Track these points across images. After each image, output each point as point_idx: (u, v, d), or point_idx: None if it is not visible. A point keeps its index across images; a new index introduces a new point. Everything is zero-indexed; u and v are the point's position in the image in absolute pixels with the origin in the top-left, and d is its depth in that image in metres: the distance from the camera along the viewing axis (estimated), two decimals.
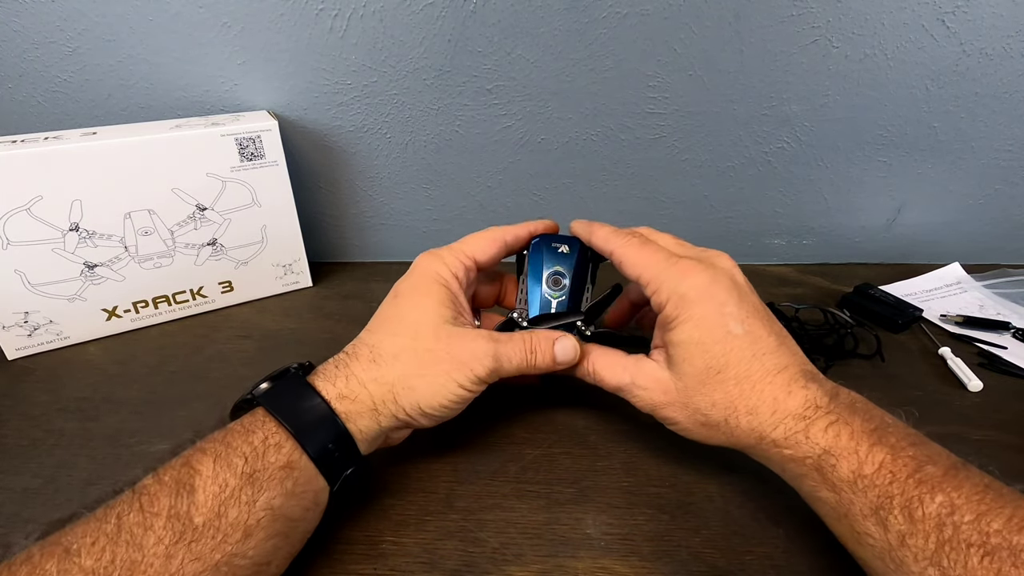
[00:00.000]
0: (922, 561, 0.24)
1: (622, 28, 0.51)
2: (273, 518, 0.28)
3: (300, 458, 0.29)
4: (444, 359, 0.33)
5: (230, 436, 0.29)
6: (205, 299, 0.55)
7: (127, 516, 0.25)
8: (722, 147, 0.58)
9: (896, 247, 0.64)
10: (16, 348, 0.48)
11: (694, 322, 0.32)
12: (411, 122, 0.56)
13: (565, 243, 0.40)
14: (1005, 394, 0.45)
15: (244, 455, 0.28)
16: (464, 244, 0.38)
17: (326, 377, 0.32)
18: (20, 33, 0.50)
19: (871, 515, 0.26)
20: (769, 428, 0.30)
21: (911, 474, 0.26)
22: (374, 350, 0.33)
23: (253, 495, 0.27)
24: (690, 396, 0.32)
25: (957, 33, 0.50)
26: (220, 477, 0.27)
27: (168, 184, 0.48)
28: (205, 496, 0.26)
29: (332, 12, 0.50)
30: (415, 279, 0.36)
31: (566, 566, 0.32)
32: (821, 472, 0.29)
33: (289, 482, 0.29)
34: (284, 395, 0.31)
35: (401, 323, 0.35)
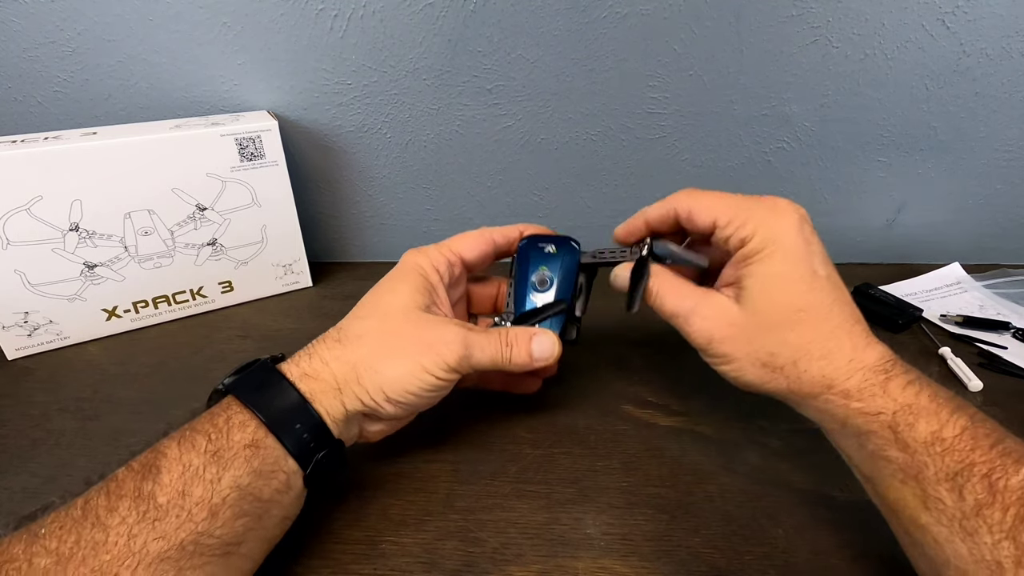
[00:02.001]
0: (997, 534, 0.24)
1: (622, 28, 0.51)
2: (240, 496, 0.28)
3: (266, 436, 0.29)
4: (411, 342, 0.32)
5: (196, 421, 0.29)
6: (205, 299, 0.55)
7: (94, 500, 0.26)
8: (722, 147, 0.58)
9: (896, 247, 0.64)
10: (16, 348, 0.48)
11: (782, 255, 0.31)
12: (411, 122, 0.56)
13: (552, 243, 0.40)
14: (1005, 394, 0.45)
15: (207, 434, 0.28)
16: (451, 241, 0.38)
17: (291, 361, 0.33)
18: (20, 33, 0.50)
19: (946, 480, 0.25)
20: (843, 377, 0.29)
21: (994, 444, 0.26)
22: (341, 331, 0.34)
23: (218, 472, 0.27)
24: (759, 333, 0.31)
25: (957, 33, 0.50)
26: (184, 457, 0.27)
27: (168, 184, 0.48)
28: (170, 476, 0.26)
29: (332, 12, 0.50)
30: (395, 270, 0.36)
31: (566, 566, 0.32)
32: (894, 430, 0.27)
33: (256, 460, 0.28)
34: (249, 379, 0.31)
35: (373, 307, 0.35)
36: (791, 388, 0.31)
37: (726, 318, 0.32)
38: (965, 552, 0.24)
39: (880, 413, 0.28)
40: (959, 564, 0.24)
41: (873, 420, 0.28)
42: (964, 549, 0.24)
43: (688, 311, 0.33)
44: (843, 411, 0.29)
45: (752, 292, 0.31)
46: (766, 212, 0.32)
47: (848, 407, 0.29)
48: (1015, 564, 0.23)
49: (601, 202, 0.62)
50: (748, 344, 0.31)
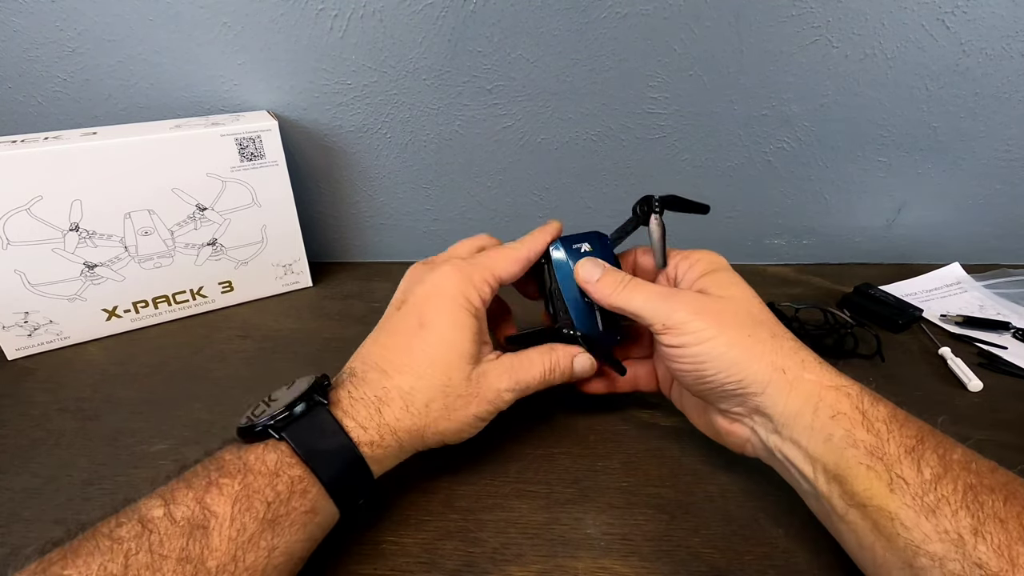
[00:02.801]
0: (954, 504, 0.25)
1: (622, 28, 0.51)
2: (290, 561, 0.28)
3: (325, 501, 0.29)
4: (472, 402, 0.33)
5: (251, 476, 0.27)
6: (205, 299, 0.55)
7: (135, 556, 0.24)
8: (722, 147, 0.58)
9: (896, 247, 0.64)
10: (16, 348, 0.48)
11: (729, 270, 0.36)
12: (411, 122, 0.56)
13: (585, 241, 0.39)
14: (1005, 394, 0.45)
15: (267, 500, 0.27)
16: (490, 261, 0.36)
17: (356, 419, 0.31)
18: (20, 33, 0.50)
19: (906, 455, 0.27)
20: (811, 357, 0.31)
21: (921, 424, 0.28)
22: (406, 398, 0.32)
23: (273, 540, 0.27)
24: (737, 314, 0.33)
25: (957, 33, 0.50)
26: (238, 521, 0.26)
27: (168, 184, 0.48)
28: (220, 539, 0.25)
29: (332, 12, 0.50)
30: (445, 306, 0.34)
31: (566, 566, 0.32)
32: (861, 410, 0.29)
33: (312, 526, 0.29)
34: (312, 436, 0.29)
35: (433, 366, 0.33)
36: (775, 364, 0.31)
37: (702, 301, 0.33)
38: (931, 529, 0.25)
39: (848, 389, 0.30)
40: (927, 548, 0.25)
41: (844, 398, 0.29)
42: (930, 527, 0.25)
43: (669, 291, 0.34)
44: (816, 390, 0.30)
45: (717, 289, 0.34)
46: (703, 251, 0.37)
47: (821, 384, 0.30)
48: (973, 533, 0.24)
49: (601, 202, 0.62)
50: (731, 318, 0.32)
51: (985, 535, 0.24)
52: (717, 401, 0.33)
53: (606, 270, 0.36)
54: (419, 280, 0.36)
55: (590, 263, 0.37)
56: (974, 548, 0.24)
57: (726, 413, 0.34)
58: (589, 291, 0.36)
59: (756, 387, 0.31)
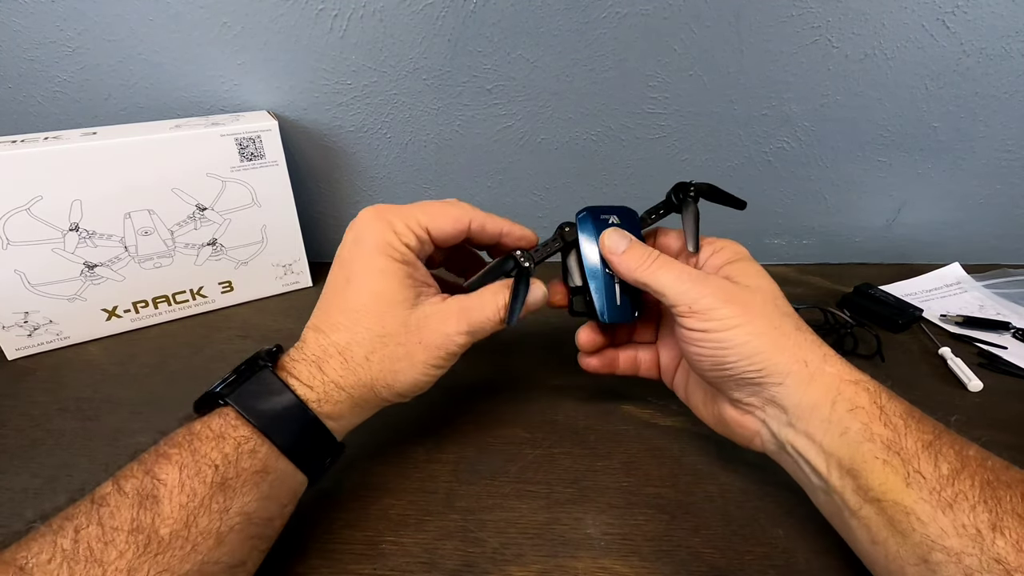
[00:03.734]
0: (972, 499, 0.25)
1: (622, 28, 0.51)
2: (248, 522, 0.27)
3: (277, 461, 0.29)
4: (417, 349, 0.32)
5: (197, 442, 0.27)
6: (205, 299, 0.55)
7: (85, 530, 0.24)
8: (722, 147, 0.58)
9: (896, 247, 0.64)
10: (16, 348, 0.48)
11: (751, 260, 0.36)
12: (411, 122, 0.56)
13: (614, 214, 0.37)
14: (1005, 394, 0.45)
15: (214, 463, 0.27)
16: (419, 211, 0.34)
17: (299, 377, 0.31)
18: (20, 33, 0.50)
19: (923, 450, 0.27)
20: (831, 353, 0.31)
21: (946, 428, 0.28)
22: (344, 354, 0.31)
23: (225, 502, 0.26)
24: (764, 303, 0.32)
25: (957, 33, 0.50)
26: (187, 486, 0.26)
27: (168, 184, 0.48)
28: (171, 507, 0.25)
29: (332, 12, 0.50)
30: (367, 255, 0.33)
31: (566, 566, 0.32)
32: (879, 405, 0.29)
33: (265, 485, 0.28)
34: (258, 396, 0.29)
35: (364, 318, 0.32)
36: (797, 356, 0.31)
37: (731, 290, 0.33)
38: (948, 524, 0.25)
39: (866, 384, 0.30)
40: (944, 543, 0.24)
41: (863, 392, 0.29)
42: (947, 522, 0.25)
43: (699, 275, 0.33)
44: (835, 383, 0.30)
45: (743, 278, 0.33)
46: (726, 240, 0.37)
47: (840, 378, 0.30)
48: (991, 528, 0.24)
49: (601, 202, 0.61)
50: (760, 308, 0.32)
51: (1004, 530, 0.24)
52: (731, 390, 0.33)
53: (633, 243, 0.35)
54: (347, 233, 0.35)
55: (617, 234, 0.36)
56: (992, 543, 0.23)
57: (738, 404, 0.33)
58: (613, 263, 0.35)
59: (776, 377, 0.31)
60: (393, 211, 0.34)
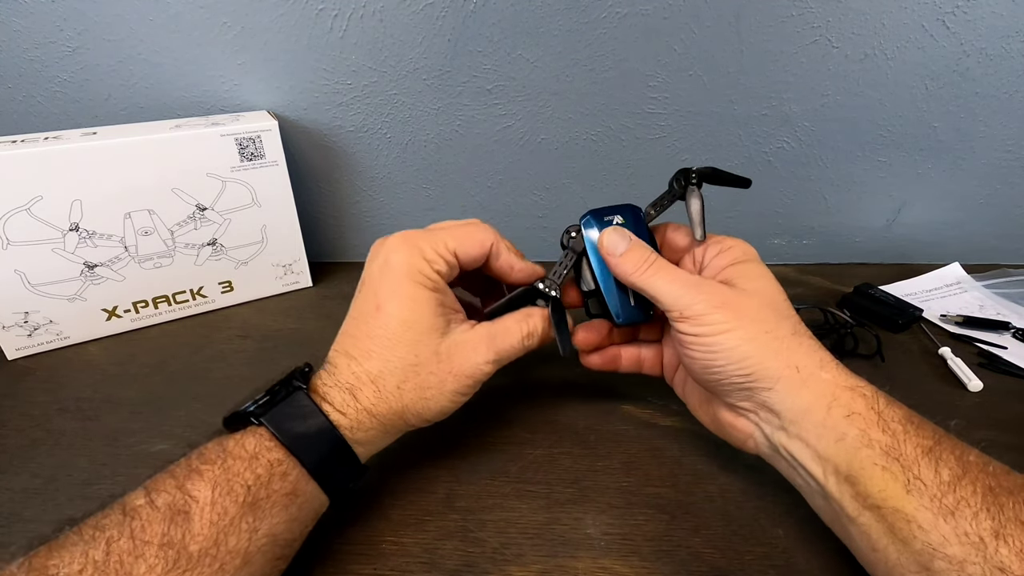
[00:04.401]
0: (974, 507, 0.24)
1: (622, 28, 0.51)
2: (274, 543, 0.28)
3: (306, 484, 0.29)
4: (447, 378, 0.33)
5: (231, 460, 0.27)
6: (205, 299, 0.55)
7: (117, 542, 0.24)
8: (722, 147, 0.58)
9: (896, 247, 0.64)
10: (16, 348, 0.48)
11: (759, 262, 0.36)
12: (411, 122, 0.56)
13: (617, 214, 0.37)
14: (1005, 394, 0.45)
15: (247, 483, 0.27)
16: (448, 236, 0.35)
17: (333, 403, 0.31)
18: (20, 33, 0.50)
19: (923, 456, 0.26)
20: (828, 357, 0.31)
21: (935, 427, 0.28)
22: (377, 383, 0.32)
23: (255, 523, 0.27)
24: (759, 308, 0.32)
25: (957, 33, 0.50)
26: (219, 504, 0.26)
27: (168, 184, 0.48)
28: (202, 524, 0.25)
29: (332, 12, 0.50)
30: (398, 283, 0.33)
31: (566, 566, 0.32)
32: (877, 411, 0.28)
33: (293, 508, 0.29)
34: (292, 419, 0.29)
35: (397, 348, 0.32)
36: (789, 361, 0.30)
37: (725, 295, 0.32)
38: (950, 532, 0.24)
39: (863, 390, 0.30)
40: (946, 551, 0.24)
41: (859, 398, 0.29)
42: (948, 529, 0.24)
43: (694, 280, 0.33)
44: (831, 389, 0.30)
45: (743, 281, 0.33)
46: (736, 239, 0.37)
47: (836, 384, 0.30)
48: (994, 536, 0.24)
49: (601, 202, 0.61)
50: (753, 313, 0.31)
51: (1007, 538, 0.23)
52: (724, 394, 0.33)
53: (632, 244, 0.35)
54: (373, 257, 0.35)
55: (616, 234, 0.35)
56: (996, 551, 0.23)
57: (732, 407, 0.33)
58: (611, 264, 0.35)
59: (766, 382, 0.30)
60: (422, 237, 0.34)
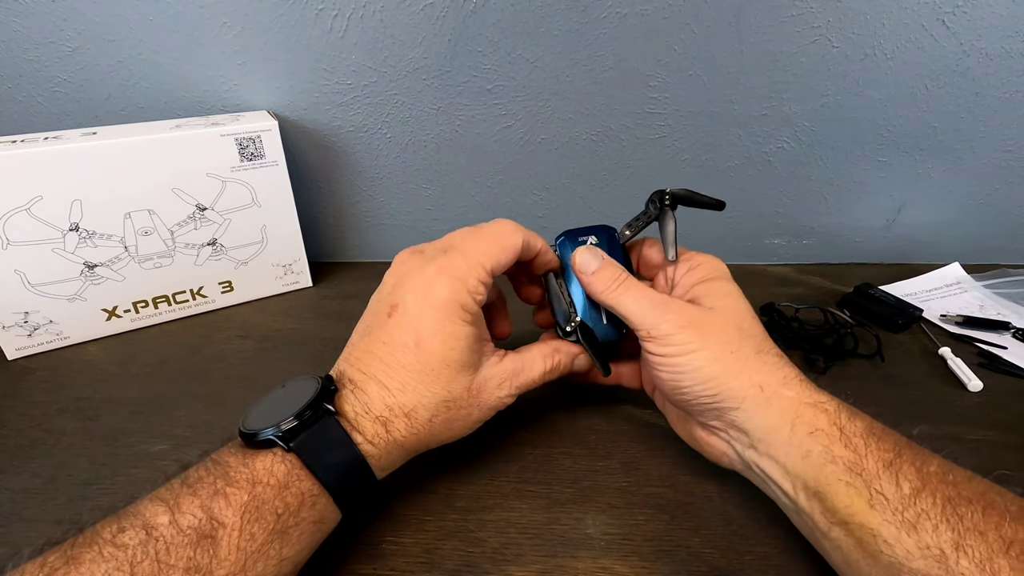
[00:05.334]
0: (935, 519, 0.25)
1: (622, 28, 0.51)
2: (295, 566, 0.28)
3: (334, 512, 0.29)
4: (474, 411, 0.34)
5: (260, 488, 0.27)
6: (205, 299, 0.55)
7: (140, 565, 0.23)
8: (722, 147, 0.58)
9: (896, 247, 0.64)
10: (16, 348, 0.48)
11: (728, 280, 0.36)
12: (411, 122, 0.56)
13: (592, 234, 0.38)
14: (1005, 394, 0.45)
15: (277, 512, 0.27)
16: (482, 255, 0.34)
17: (364, 434, 0.30)
18: (20, 33, 0.50)
19: (884, 470, 0.27)
20: (793, 373, 0.31)
21: (898, 438, 0.28)
22: (410, 416, 0.32)
23: (282, 550, 0.27)
24: (723, 327, 0.32)
25: (957, 33, 0.50)
26: (247, 532, 0.26)
27: (168, 184, 0.48)
28: (229, 549, 0.25)
29: (332, 12, 0.50)
30: (440, 318, 0.32)
31: (566, 566, 0.32)
32: (839, 426, 0.29)
33: (319, 535, 0.29)
34: (323, 448, 0.29)
35: (434, 384, 0.32)
36: (752, 380, 0.31)
37: (691, 314, 0.33)
38: (912, 546, 0.25)
39: (826, 405, 0.30)
40: (911, 564, 0.24)
41: (821, 414, 0.29)
42: (911, 543, 0.25)
43: (660, 300, 0.34)
44: (793, 407, 0.30)
45: (710, 299, 0.34)
46: (706, 256, 0.37)
47: (799, 401, 0.30)
48: (954, 548, 0.24)
49: (601, 202, 0.62)
50: (718, 333, 0.32)
51: (966, 549, 0.24)
52: (695, 413, 0.34)
53: (604, 263, 0.36)
54: (409, 281, 0.33)
55: (588, 252, 0.36)
56: (956, 563, 0.23)
57: (704, 425, 0.34)
58: (583, 282, 0.36)
59: (731, 402, 0.31)
60: (462, 264, 0.33)
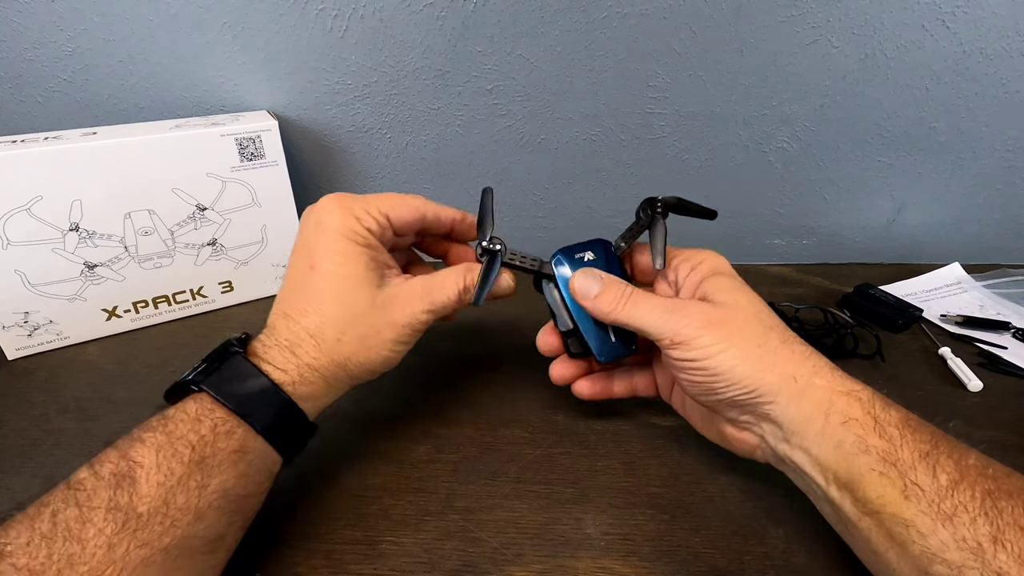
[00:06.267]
0: (972, 511, 0.24)
1: (622, 28, 0.51)
2: (226, 499, 0.28)
3: (254, 441, 0.29)
4: (384, 327, 0.33)
5: (172, 424, 0.28)
6: (205, 299, 0.55)
7: (63, 512, 0.24)
8: (722, 147, 0.58)
9: (896, 247, 0.64)
10: (16, 348, 0.48)
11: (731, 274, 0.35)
12: (411, 122, 0.56)
13: (588, 250, 0.37)
14: (1005, 394, 0.45)
15: (191, 443, 0.27)
16: (379, 200, 0.35)
17: (272, 363, 0.31)
18: (20, 33, 0.50)
19: (920, 461, 0.26)
20: (822, 362, 0.31)
21: (935, 430, 0.28)
22: (316, 337, 0.32)
23: (203, 479, 0.27)
24: (745, 322, 0.32)
25: (957, 33, 0.50)
26: (164, 466, 0.26)
27: (168, 184, 0.48)
28: (149, 486, 0.26)
29: (332, 12, 0.50)
30: (331, 241, 0.33)
31: (566, 566, 0.32)
32: (874, 416, 0.28)
33: (242, 464, 0.29)
34: (233, 381, 0.30)
35: (333, 302, 0.33)
36: (785, 373, 0.30)
37: (709, 313, 0.32)
38: (948, 538, 0.24)
39: (859, 394, 0.29)
40: (945, 556, 0.24)
41: (855, 403, 0.29)
42: (947, 535, 0.24)
43: (673, 304, 0.33)
44: (827, 396, 0.29)
45: (721, 295, 0.33)
46: (705, 252, 0.36)
47: (832, 390, 0.30)
48: (992, 542, 0.23)
49: (601, 202, 0.62)
50: (741, 328, 0.31)
51: (1005, 543, 0.23)
52: (725, 411, 0.33)
53: (605, 284, 0.34)
54: (305, 221, 0.35)
55: (586, 277, 0.35)
56: (994, 557, 0.23)
57: (734, 421, 0.33)
58: (587, 308, 0.35)
59: (767, 396, 0.30)
60: (353, 198, 0.35)
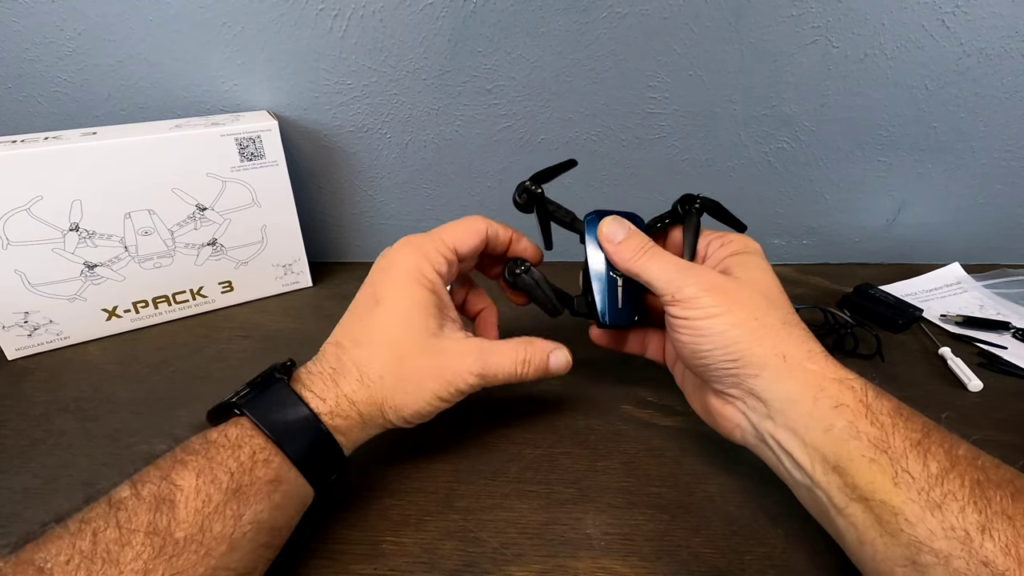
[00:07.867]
0: (961, 500, 0.24)
1: (622, 28, 0.51)
2: (259, 530, 0.28)
3: (289, 472, 0.29)
4: (429, 376, 0.33)
5: (213, 450, 0.28)
6: (205, 299, 0.55)
7: (103, 532, 0.24)
8: (722, 147, 0.58)
9: (896, 247, 0.64)
10: (16, 348, 0.48)
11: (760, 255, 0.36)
12: (411, 122, 0.56)
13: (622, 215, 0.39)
14: (1005, 394, 0.45)
15: (230, 470, 0.27)
16: (444, 233, 0.36)
17: (314, 390, 0.32)
18: (20, 33, 0.50)
19: (911, 448, 0.26)
20: (818, 348, 0.31)
21: (926, 420, 0.28)
22: (361, 369, 0.32)
23: (239, 509, 0.27)
24: (750, 295, 0.32)
25: (957, 33, 0.50)
26: (203, 492, 0.26)
27: (168, 184, 0.48)
28: (187, 511, 0.26)
29: (332, 12, 0.50)
30: (398, 280, 0.34)
31: (566, 566, 0.32)
32: (865, 403, 0.28)
33: (277, 495, 0.29)
34: (273, 408, 0.30)
35: (387, 337, 0.33)
36: (776, 349, 0.30)
37: (716, 280, 0.33)
38: (936, 526, 0.24)
39: (852, 382, 0.29)
40: (932, 544, 0.24)
41: (847, 390, 0.29)
42: (935, 523, 0.24)
43: (686, 265, 0.34)
44: (817, 380, 0.30)
45: (740, 271, 0.34)
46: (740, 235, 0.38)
47: (824, 375, 0.30)
48: (980, 531, 0.24)
49: (601, 202, 0.61)
50: (744, 299, 0.32)
51: (992, 532, 0.23)
52: (712, 379, 0.33)
53: (630, 232, 0.36)
54: (379, 259, 0.36)
55: (616, 223, 0.36)
56: (981, 546, 0.23)
57: (721, 394, 0.33)
58: (609, 251, 0.36)
59: (752, 368, 0.31)
60: (423, 238, 0.36)
